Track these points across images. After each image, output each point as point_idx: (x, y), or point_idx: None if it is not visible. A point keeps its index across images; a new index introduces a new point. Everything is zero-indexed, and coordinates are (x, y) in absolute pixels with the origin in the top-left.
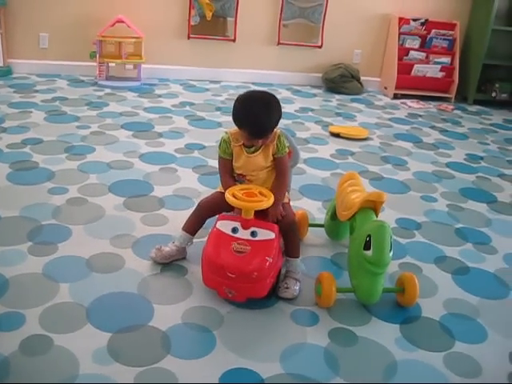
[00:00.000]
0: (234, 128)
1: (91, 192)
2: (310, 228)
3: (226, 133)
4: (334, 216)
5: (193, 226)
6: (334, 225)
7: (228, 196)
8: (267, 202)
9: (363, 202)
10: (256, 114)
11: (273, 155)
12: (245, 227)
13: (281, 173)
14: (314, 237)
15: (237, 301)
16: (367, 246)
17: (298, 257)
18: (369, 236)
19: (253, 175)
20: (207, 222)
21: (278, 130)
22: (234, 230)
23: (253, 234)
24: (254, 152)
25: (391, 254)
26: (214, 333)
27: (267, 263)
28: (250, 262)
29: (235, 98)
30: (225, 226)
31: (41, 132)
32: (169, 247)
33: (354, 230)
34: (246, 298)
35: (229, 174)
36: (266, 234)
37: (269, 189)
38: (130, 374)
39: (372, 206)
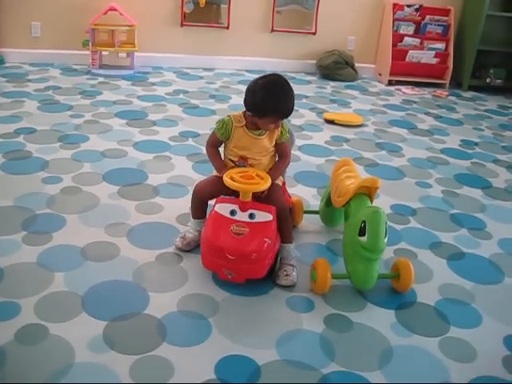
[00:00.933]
0: (237, 112)
1: (85, 181)
2: (304, 215)
3: (229, 116)
4: (328, 202)
5: (198, 213)
6: (329, 211)
7: (226, 179)
8: (264, 184)
9: (358, 188)
10: (284, 99)
11: (276, 140)
12: (243, 209)
13: (282, 155)
14: (309, 223)
15: (236, 282)
16: (362, 232)
17: (291, 242)
18: (364, 222)
19: (255, 159)
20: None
21: None
22: (233, 212)
23: (251, 216)
24: (259, 135)
25: (386, 239)
26: (210, 320)
27: (265, 244)
28: (248, 244)
29: (229, 85)
30: (223, 208)
31: (34, 121)
32: (191, 233)
33: (348, 217)
34: (246, 279)
35: (216, 148)
36: (264, 216)
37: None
38: (126, 361)
39: (367, 192)
